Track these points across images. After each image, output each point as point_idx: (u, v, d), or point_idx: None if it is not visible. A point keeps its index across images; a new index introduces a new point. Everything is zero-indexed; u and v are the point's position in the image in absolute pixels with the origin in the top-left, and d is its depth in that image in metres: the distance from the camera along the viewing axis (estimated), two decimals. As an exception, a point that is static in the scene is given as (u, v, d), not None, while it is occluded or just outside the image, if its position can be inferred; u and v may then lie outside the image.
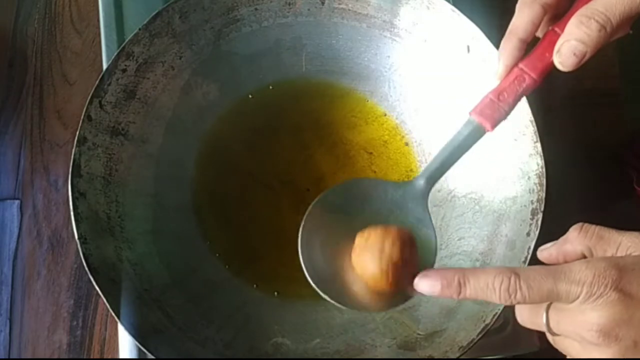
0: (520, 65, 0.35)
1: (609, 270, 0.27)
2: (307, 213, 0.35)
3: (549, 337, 0.31)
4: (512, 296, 0.28)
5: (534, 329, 0.31)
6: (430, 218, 0.36)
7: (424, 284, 0.30)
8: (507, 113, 0.35)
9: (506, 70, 0.35)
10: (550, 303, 0.29)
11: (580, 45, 0.32)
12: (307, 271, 0.34)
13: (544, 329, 0.30)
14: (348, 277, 0.35)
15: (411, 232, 0.35)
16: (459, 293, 0.29)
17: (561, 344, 0.30)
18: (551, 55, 0.34)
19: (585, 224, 0.31)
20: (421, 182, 0.36)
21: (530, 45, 0.36)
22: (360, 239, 0.34)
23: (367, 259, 0.33)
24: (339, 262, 0.35)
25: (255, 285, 0.45)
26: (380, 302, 0.35)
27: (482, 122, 0.35)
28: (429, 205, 0.36)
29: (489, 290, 0.28)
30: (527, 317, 0.31)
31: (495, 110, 0.35)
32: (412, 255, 0.34)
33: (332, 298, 0.34)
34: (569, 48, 0.33)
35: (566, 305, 0.28)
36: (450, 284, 0.29)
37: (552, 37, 0.35)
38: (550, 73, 0.35)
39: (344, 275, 0.35)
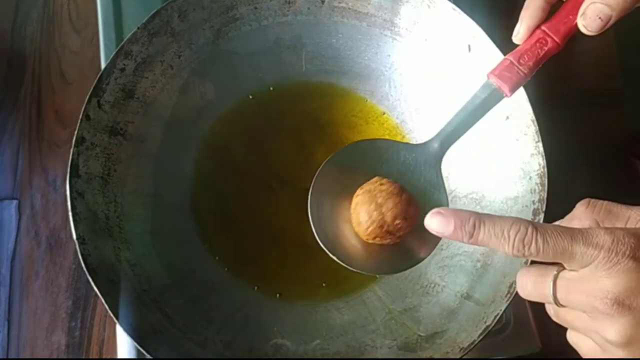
0: (543, 27, 0.34)
1: (628, 237, 0.26)
2: (317, 173, 0.35)
3: (551, 310, 0.30)
4: (526, 247, 0.27)
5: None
6: (443, 183, 0.35)
7: (435, 222, 0.29)
8: (527, 77, 0.34)
9: (528, 32, 0.35)
10: (558, 273, 0.28)
11: (606, 8, 0.32)
12: (317, 232, 0.34)
13: (549, 300, 0.29)
14: (356, 238, 0.35)
15: (406, 189, 0.34)
16: (471, 236, 0.28)
17: (565, 316, 0.29)
18: (575, 18, 0.33)
19: (592, 199, 0.30)
20: (435, 145, 0.36)
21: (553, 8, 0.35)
22: (358, 190, 0.35)
23: (360, 206, 0.34)
24: (348, 223, 0.35)
25: (256, 287, 0.45)
26: (385, 264, 0.35)
27: (501, 86, 0.34)
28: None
29: (503, 238, 0.27)
30: (532, 287, 0.29)
31: (514, 74, 0.34)
32: (408, 213, 0.34)
33: (340, 259, 0.33)
34: (594, 11, 0.32)
35: (577, 272, 0.27)
36: (464, 225, 0.28)
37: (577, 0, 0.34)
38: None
39: (353, 235, 0.35)
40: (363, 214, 0.34)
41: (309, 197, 0.34)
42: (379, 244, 0.35)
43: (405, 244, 0.35)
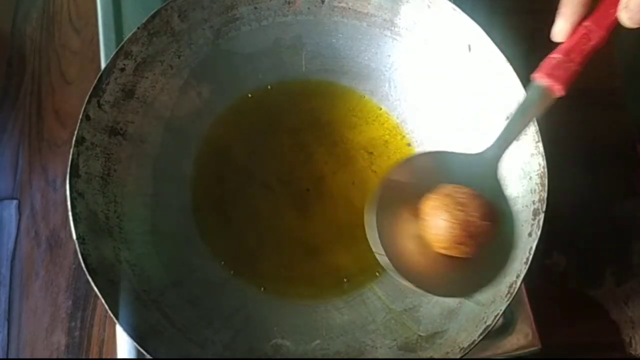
0: (584, 23, 0.34)
1: None
2: (376, 194, 0.33)
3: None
4: None
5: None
6: (502, 189, 0.35)
7: None
8: (578, 74, 0.33)
9: (572, 28, 0.34)
10: None
11: None
12: (391, 260, 0.32)
13: None
14: (427, 258, 0.33)
15: (485, 196, 0.33)
16: None
17: None
18: (616, 12, 0.33)
19: None
20: (490, 154, 0.35)
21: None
22: (430, 195, 0.33)
23: (439, 209, 0.32)
24: (416, 239, 0.34)
25: (262, 289, 0.45)
26: (461, 284, 0.34)
27: (552, 85, 0.33)
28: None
29: None
30: None
31: (566, 70, 0.33)
32: (492, 216, 0.32)
33: (413, 283, 0.32)
34: (637, 3, 0.31)
35: None
36: None
37: None
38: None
39: (422, 254, 0.34)
40: (444, 215, 0.32)
41: (373, 224, 0.32)
42: (452, 257, 0.33)
43: (477, 260, 0.33)
